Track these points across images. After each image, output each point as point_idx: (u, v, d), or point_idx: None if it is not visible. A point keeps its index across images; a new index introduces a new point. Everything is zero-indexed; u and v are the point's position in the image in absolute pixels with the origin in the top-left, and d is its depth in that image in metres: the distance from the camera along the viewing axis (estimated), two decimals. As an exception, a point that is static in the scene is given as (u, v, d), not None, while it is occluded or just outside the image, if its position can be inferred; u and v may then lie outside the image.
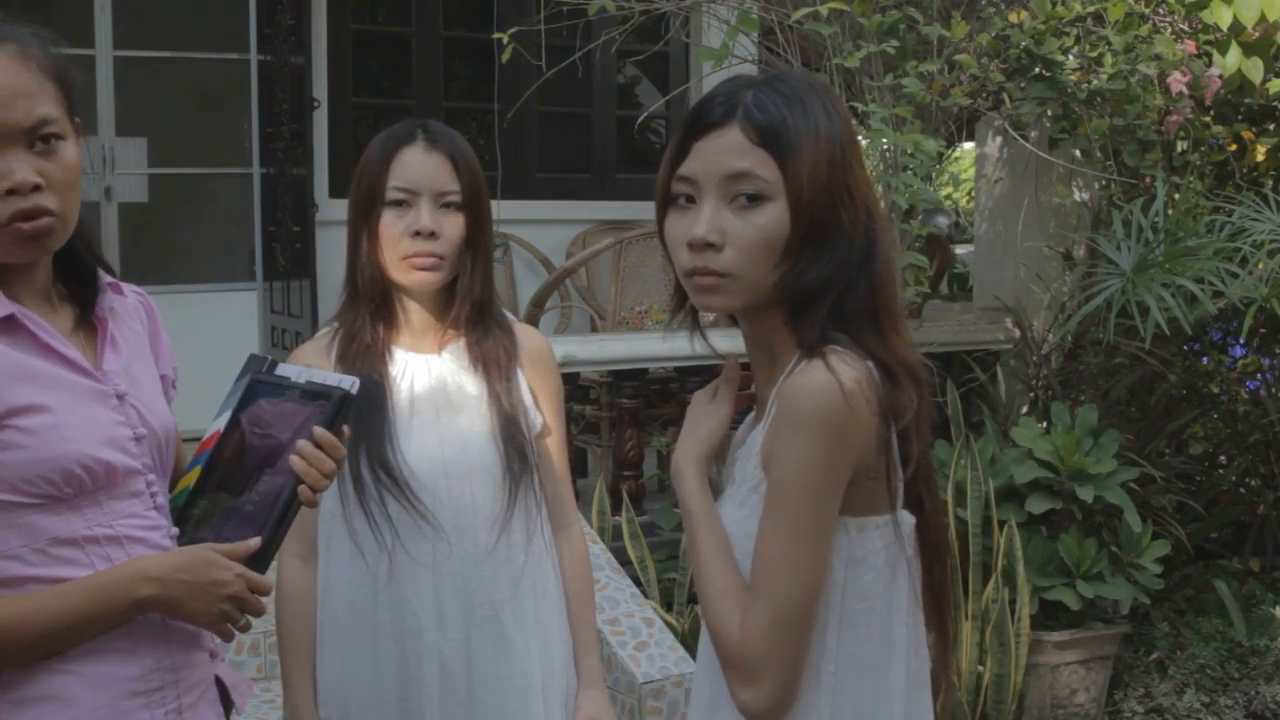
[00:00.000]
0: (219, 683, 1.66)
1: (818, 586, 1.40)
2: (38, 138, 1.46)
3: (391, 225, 2.02)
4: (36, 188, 1.45)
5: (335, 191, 6.27)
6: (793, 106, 1.42)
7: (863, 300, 1.44)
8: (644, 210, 6.90)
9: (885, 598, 1.46)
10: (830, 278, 1.43)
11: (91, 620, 1.46)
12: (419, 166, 2.04)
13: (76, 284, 1.60)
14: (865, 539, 1.44)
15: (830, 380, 1.37)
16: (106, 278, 1.63)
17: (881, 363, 1.41)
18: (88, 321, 1.59)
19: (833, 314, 1.43)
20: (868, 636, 1.46)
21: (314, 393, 1.61)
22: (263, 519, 1.57)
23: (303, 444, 1.57)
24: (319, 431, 1.57)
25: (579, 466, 5.25)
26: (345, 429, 1.63)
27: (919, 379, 1.44)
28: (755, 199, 1.40)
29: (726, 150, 1.41)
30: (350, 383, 1.60)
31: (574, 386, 4.79)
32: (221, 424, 1.66)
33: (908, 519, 1.48)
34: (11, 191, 1.44)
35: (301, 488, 1.57)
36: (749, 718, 1.40)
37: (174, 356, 1.73)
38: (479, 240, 2.08)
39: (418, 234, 2.01)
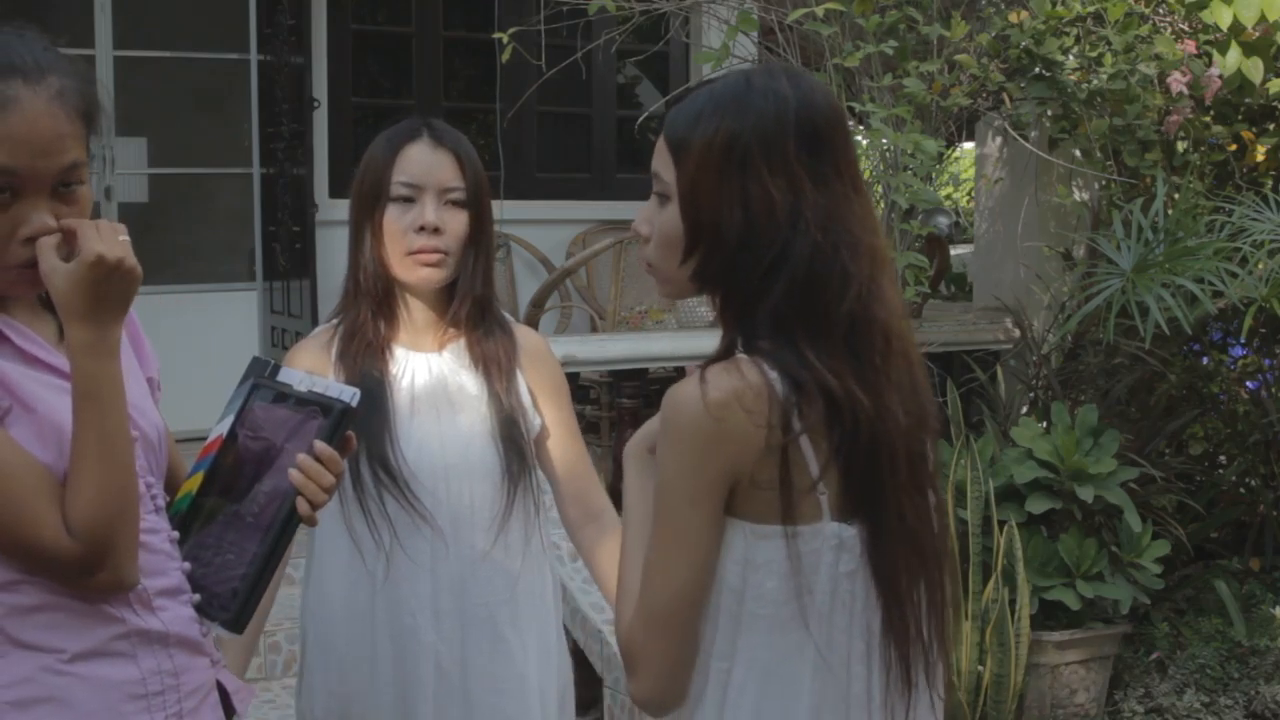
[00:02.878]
0: (220, 688, 1.66)
1: (690, 590, 1.42)
2: (62, 183, 1.46)
3: (396, 220, 2.03)
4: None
5: (335, 191, 6.27)
6: (705, 109, 1.45)
7: (778, 309, 1.43)
8: (644, 210, 6.89)
9: (791, 607, 1.43)
10: (721, 280, 1.46)
11: None
12: (424, 163, 2.04)
13: None
14: (765, 546, 1.43)
15: (694, 392, 1.39)
16: None
17: (790, 374, 1.40)
18: None
19: (759, 319, 1.43)
20: (769, 642, 1.44)
21: (315, 403, 1.60)
22: (264, 531, 1.57)
23: (302, 458, 1.56)
24: (319, 446, 1.57)
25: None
26: (351, 436, 1.63)
27: (833, 394, 1.40)
28: (664, 198, 1.48)
29: (657, 150, 1.49)
30: (350, 394, 1.59)
31: (574, 386, 4.78)
32: (224, 428, 1.65)
33: (843, 531, 1.44)
34: (29, 240, 1.44)
35: (299, 501, 1.56)
36: (637, 705, 1.49)
37: (157, 359, 1.72)
38: (481, 239, 2.08)
39: (422, 229, 2.01)
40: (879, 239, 1.49)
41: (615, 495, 4.73)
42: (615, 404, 4.65)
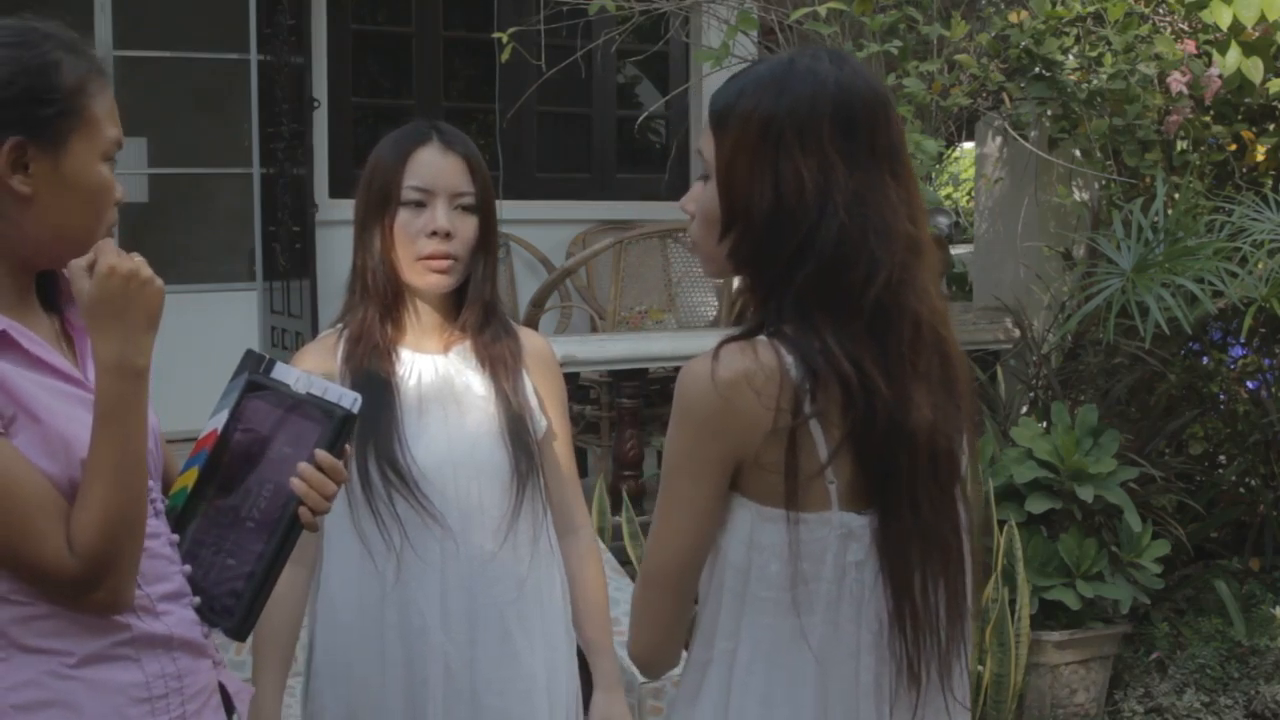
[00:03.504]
0: (221, 688, 1.66)
1: (680, 558, 1.46)
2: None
3: (407, 225, 2.02)
4: None
5: (335, 191, 6.26)
6: (746, 88, 1.48)
7: (802, 291, 1.43)
8: (644, 210, 6.89)
9: (792, 593, 1.44)
10: (752, 260, 1.47)
11: None
12: (436, 167, 2.03)
13: (53, 293, 1.60)
14: (770, 529, 1.43)
15: (704, 370, 1.41)
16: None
17: (806, 360, 1.40)
18: (64, 331, 1.59)
19: (785, 301, 1.44)
20: (773, 625, 1.45)
21: (315, 406, 1.59)
22: (266, 537, 1.56)
23: (304, 466, 1.56)
24: (320, 454, 1.57)
25: (579, 467, 5.24)
26: (348, 448, 1.62)
27: (848, 381, 1.40)
28: (706, 177, 1.50)
29: (703, 129, 1.53)
30: (352, 400, 1.58)
31: (574, 386, 4.79)
32: (219, 424, 1.63)
33: (852, 521, 1.44)
34: (117, 202, 1.54)
35: (301, 509, 1.56)
36: (633, 663, 1.54)
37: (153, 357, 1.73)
38: (489, 243, 2.09)
39: (434, 234, 2.01)
40: (918, 227, 1.46)
41: (615, 495, 4.73)
42: (615, 404, 4.64)
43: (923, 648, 1.46)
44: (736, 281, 1.54)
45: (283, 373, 1.64)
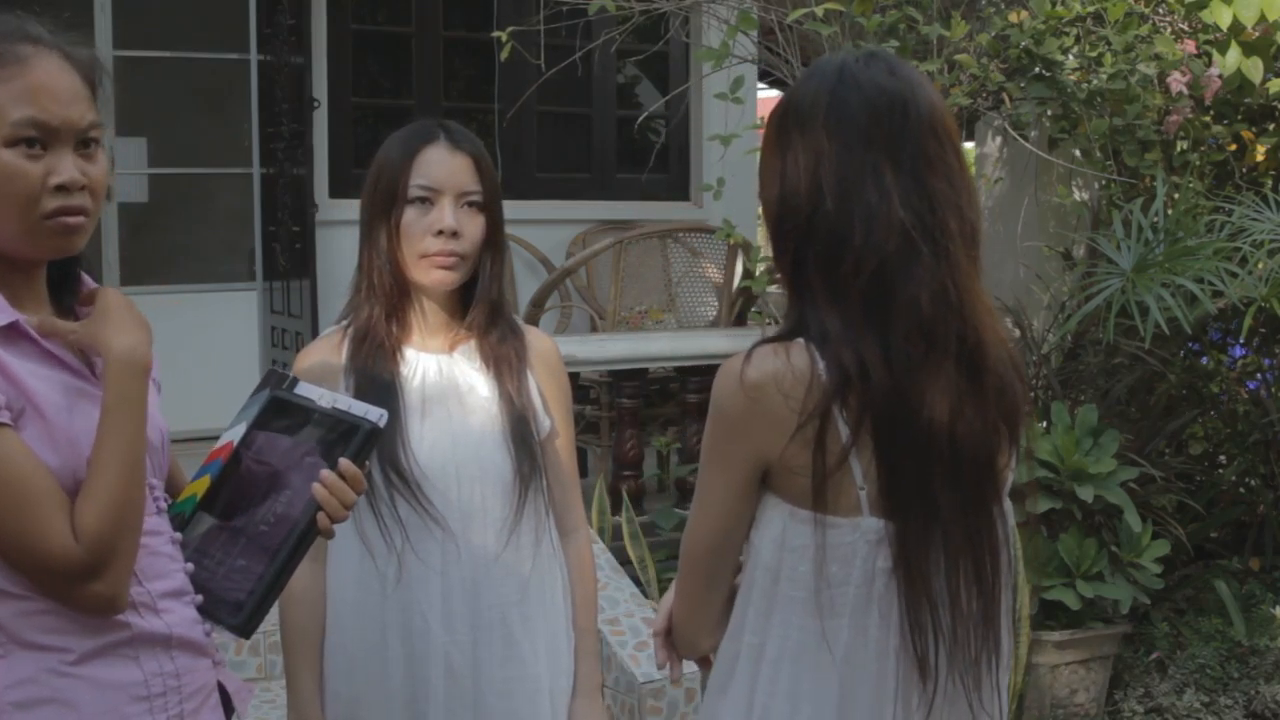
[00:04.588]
0: (220, 688, 1.66)
1: (706, 544, 1.51)
2: (82, 140, 1.51)
3: (414, 223, 2.02)
4: (81, 188, 1.50)
5: (335, 191, 6.26)
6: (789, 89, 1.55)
7: (814, 285, 1.44)
8: (644, 210, 6.89)
9: (817, 594, 1.45)
10: (776, 254, 1.50)
11: None
12: (443, 165, 2.04)
13: (65, 291, 1.61)
14: (801, 531, 1.45)
15: (734, 370, 1.43)
16: (90, 284, 1.64)
17: (838, 364, 1.40)
18: None
19: (804, 296, 1.46)
20: (801, 625, 1.46)
21: (339, 421, 1.61)
22: (278, 542, 1.57)
23: (326, 474, 1.58)
24: (344, 463, 1.58)
25: (579, 467, 5.24)
26: (367, 462, 1.64)
27: (848, 372, 1.40)
28: None
29: None
30: (378, 415, 1.61)
31: (574, 386, 4.79)
32: (236, 436, 1.65)
33: (885, 527, 1.43)
34: (60, 188, 1.48)
35: (320, 515, 1.58)
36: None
37: (156, 359, 1.73)
38: (496, 241, 2.09)
39: (441, 233, 2.01)
40: (929, 217, 1.42)
41: (615, 495, 4.73)
42: (615, 404, 4.65)
43: (938, 653, 1.45)
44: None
45: (306, 390, 1.66)
